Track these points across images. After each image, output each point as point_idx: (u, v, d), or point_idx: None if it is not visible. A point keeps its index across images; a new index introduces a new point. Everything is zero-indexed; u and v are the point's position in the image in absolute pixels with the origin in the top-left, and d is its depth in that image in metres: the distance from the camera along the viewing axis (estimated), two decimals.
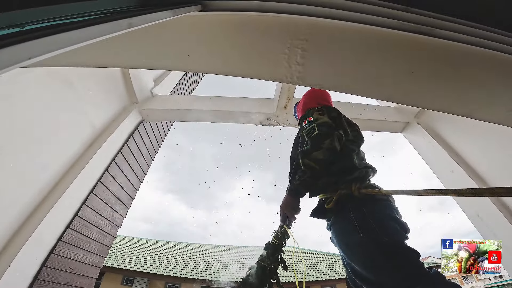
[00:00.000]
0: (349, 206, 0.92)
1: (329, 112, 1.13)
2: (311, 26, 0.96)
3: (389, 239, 0.82)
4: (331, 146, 0.95)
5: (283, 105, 2.16)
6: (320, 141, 0.97)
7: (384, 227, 0.85)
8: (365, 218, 0.87)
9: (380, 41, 0.95)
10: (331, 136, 0.97)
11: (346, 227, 0.91)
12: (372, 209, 0.89)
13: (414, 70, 1.04)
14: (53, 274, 1.50)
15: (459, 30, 0.87)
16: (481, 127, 1.65)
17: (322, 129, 1.01)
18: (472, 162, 1.76)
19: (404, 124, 2.28)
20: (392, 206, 0.95)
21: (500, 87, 1.03)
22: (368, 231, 0.84)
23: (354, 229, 0.87)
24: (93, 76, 1.73)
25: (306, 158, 0.96)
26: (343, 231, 0.93)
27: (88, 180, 1.73)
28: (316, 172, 0.95)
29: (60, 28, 0.26)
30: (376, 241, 0.82)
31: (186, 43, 0.93)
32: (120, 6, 0.46)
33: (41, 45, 0.24)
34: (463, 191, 0.54)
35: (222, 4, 0.84)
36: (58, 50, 0.26)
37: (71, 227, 1.62)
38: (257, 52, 1.05)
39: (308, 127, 1.06)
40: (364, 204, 0.90)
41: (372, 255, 0.82)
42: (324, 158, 0.94)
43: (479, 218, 1.66)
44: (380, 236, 0.82)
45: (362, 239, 0.84)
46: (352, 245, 0.88)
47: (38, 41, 0.23)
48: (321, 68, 1.11)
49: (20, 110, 1.27)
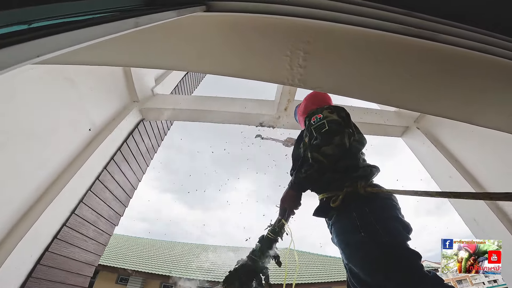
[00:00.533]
0: (352, 205, 0.92)
1: (338, 111, 1.15)
2: (314, 29, 0.97)
3: (389, 240, 0.81)
4: (341, 143, 0.96)
5: (284, 107, 2.17)
6: (331, 137, 0.99)
7: (386, 227, 0.84)
8: (367, 218, 0.87)
9: (382, 45, 0.96)
10: (341, 133, 0.99)
11: (347, 226, 0.91)
12: (375, 209, 0.89)
13: (415, 74, 1.05)
14: (47, 272, 1.49)
15: (462, 35, 0.87)
16: (481, 133, 1.66)
17: (332, 126, 1.03)
18: (470, 168, 1.77)
19: (403, 129, 2.29)
20: (395, 206, 0.94)
21: (501, 93, 1.03)
22: (369, 231, 0.84)
23: (355, 228, 0.86)
24: (95, 74, 1.72)
25: (315, 152, 0.97)
26: (344, 230, 0.92)
27: (87, 178, 1.72)
28: (323, 167, 0.96)
29: (70, 26, 0.26)
30: (376, 241, 0.81)
31: (189, 43, 0.93)
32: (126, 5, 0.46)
33: (50, 43, 0.24)
34: (462, 195, 0.54)
35: (227, 5, 0.84)
36: (67, 48, 0.25)
37: (67, 225, 1.60)
38: (259, 54, 1.05)
39: (318, 123, 1.08)
40: (367, 204, 0.90)
41: (371, 255, 0.81)
42: (333, 153, 0.95)
43: (475, 223, 1.66)
44: (381, 237, 0.81)
45: (363, 238, 0.83)
46: (352, 245, 0.88)
47: (47, 39, 0.23)
48: (323, 71, 1.12)
49: (21, 107, 1.26)
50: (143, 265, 9.08)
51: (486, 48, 0.88)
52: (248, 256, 1.02)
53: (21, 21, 0.35)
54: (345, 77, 1.11)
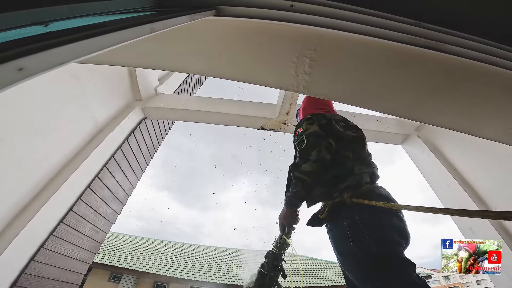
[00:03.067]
0: (343, 213, 0.91)
1: (319, 120, 1.11)
2: (321, 37, 0.97)
3: (378, 249, 0.80)
4: (318, 157, 0.95)
5: (286, 111, 2.17)
6: (308, 152, 0.97)
7: (375, 235, 0.83)
8: (356, 227, 0.86)
9: (388, 54, 0.96)
10: (318, 147, 0.97)
11: (339, 235, 0.91)
12: (365, 217, 0.87)
13: (419, 84, 1.05)
14: (41, 269, 1.47)
15: (468, 45, 0.86)
16: (480, 144, 1.68)
17: (309, 140, 1.01)
18: (469, 178, 1.79)
19: (404, 137, 2.30)
20: (388, 212, 0.90)
21: (503, 105, 1.03)
22: (358, 240, 0.83)
23: (346, 237, 0.86)
24: (100, 72, 1.72)
25: (296, 171, 0.97)
26: (337, 238, 0.92)
27: (86, 175, 1.71)
28: (307, 184, 0.95)
29: (93, 32, 0.26)
30: (365, 251, 0.81)
31: (197, 46, 0.93)
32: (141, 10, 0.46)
33: (70, 51, 0.24)
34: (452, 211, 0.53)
35: (236, 10, 0.84)
36: (85, 56, 0.26)
37: (64, 222, 1.59)
38: (266, 59, 1.06)
39: (299, 138, 1.07)
40: (358, 212, 0.88)
41: (361, 264, 0.82)
42: (312, 170, 0.94)
43: (471, 232, 1.67)
44: (369, 246, 0.81)
45: (352, 248, 0.83)
46: (344, 253, 0.88)
47: (70, 46, 0.23)
48: (327, 79, 1.12)
49: (24, 101, 1.25)
50: (136, 264, 9.00)
51: (491, 59, 0.87)
52: (258, 271, 1.07)
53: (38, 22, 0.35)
54: (349, 85, 1.11)
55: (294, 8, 0.86)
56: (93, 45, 0.27)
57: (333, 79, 1.11)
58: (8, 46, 0.18)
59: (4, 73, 0.17)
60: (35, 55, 0.19)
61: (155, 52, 0.90)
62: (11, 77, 0.17)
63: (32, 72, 0.19)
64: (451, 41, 0.86)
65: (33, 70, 0.19)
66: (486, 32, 0.87)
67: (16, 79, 0.17)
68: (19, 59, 0.17)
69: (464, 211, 0.45)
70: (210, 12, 0.75)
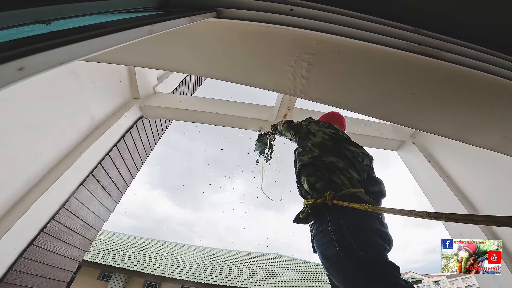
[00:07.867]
0: (328, 217, 0.90)
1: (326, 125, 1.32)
2: (319, 42, 0.99)
3: (363, 254, 0.79)
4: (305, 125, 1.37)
5: (283, 114, 2.19)
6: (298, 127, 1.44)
7: (360, 240, 0.82)
8: (341, 231, 0.85)
9: (385, 61, 0.97)
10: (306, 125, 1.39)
11: (324, 239, 0.90)
12: (350, 221, 0.86)
13: (415, 91, 1.05)
14: (29, 265, 1.44)
15: (465, 53, 0.87)
16: (473, 151, 1.70)
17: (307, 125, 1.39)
18: (461, 184, 1.82)
19: (399, 143, 2.33)
20: (372, 216, 0.90)
21: (498, 113, 1.04)
22: (343, 245, 0.82)
23: (331, 242, 0.85)
24: (99, 69, 1.71)
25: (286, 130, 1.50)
26: (322, 243, 0.91)
27: (80, 172, 1.69)
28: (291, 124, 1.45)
29: (93, 33, 0.26)
30: (350, 255, 0.80)
31: (196, 48, 0.94)
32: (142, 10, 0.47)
33: (72, 51, 0.24)
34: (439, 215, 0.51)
35: (236, 12, 0.85)
36: (87, 56, 0.26)
37: (55, 219, 1.56)
38: (264, 62, 1.07)
39: None
40: (342, 216, 0.88)
41: (346, 269, 0.81)
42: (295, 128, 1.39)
43: (461, 237, 1.70)
44: (355, 251, 0.80)
45: (338, 253, 0.83)
46: (330, 258, 0.87)
47: (70, 47, 0.24)
48: (324, 83, 1.13)
49: (22, 96, 1.23)
50: (127, 262, 8.86)
51: (488, 67, 0.88)
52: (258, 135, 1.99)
53: (39, 20, 0.35)
54: (346, 91, 1.13)
55: (293, 12, 0.87)
56: (93, 45, 0.27)
57: (330, 84, 1.12)
58: (8, 46, 0.19)
59: (4, 73, 0.17)
60: (35, 55, 0.19)
61: (155, 52, 0.90)
62: (11, 76, 0.17)
63: (32, 72, 0.19)
64: (448, 48, 0.87)
65: (33, 70, 0.19)
66: (483, 40, 0.87)
67: (16, 79, 0.17)
68: (19, 59, 0.18)
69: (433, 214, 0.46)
70: (211, 14, 0.76)
